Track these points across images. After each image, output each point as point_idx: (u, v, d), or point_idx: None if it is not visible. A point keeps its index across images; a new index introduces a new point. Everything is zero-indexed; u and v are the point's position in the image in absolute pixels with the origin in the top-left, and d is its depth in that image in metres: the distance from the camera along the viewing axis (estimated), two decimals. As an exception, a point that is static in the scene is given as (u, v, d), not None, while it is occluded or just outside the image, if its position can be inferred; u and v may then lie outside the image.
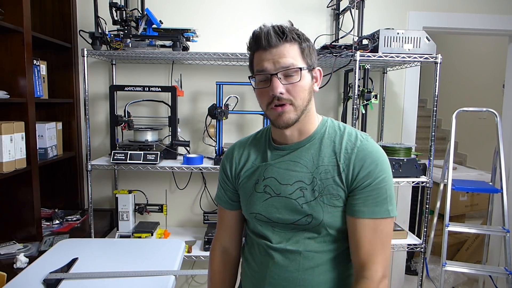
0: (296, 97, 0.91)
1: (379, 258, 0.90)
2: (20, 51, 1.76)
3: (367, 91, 2.03)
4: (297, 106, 0.91)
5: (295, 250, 0.95)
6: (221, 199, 1.11)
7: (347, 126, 1.00)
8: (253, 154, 1.05)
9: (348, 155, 0.92)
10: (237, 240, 1.14)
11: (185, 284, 2.53)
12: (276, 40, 0.89)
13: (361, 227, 0.90)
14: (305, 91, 0.92)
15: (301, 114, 0.93)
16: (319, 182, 0.92)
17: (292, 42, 0.90)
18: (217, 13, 2.32)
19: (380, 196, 0.90)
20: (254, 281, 1.02)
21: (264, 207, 0.98)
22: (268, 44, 0.89)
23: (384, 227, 0.91)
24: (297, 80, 0.90)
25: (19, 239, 1.82)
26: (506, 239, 2.08)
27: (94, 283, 1.23)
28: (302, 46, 0.92)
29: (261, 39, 0.90)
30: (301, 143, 0.97)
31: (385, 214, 0.90)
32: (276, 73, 0.89)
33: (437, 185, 2.49)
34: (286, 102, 0.90)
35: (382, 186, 0.90)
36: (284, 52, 0.89)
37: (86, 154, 2.02)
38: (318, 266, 0.95)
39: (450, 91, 5.26)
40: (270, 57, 0.90)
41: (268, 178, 0.98)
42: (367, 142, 0.94)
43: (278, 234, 0.97)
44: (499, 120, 2.17)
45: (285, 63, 0.89)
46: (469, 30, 2.43)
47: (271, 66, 0.90)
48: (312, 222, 0.92)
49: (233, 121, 2.39)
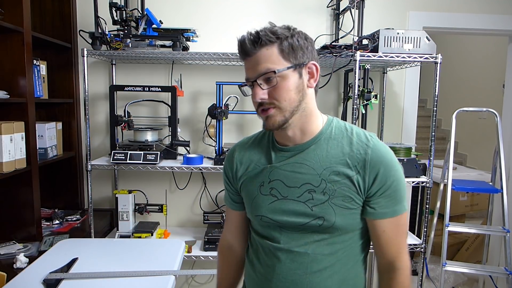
0: (280, 100, 0.89)
1: (405, 248, 0.97)
2: (20, 51, 1.76)
3: (367, 91, 2.03)
4: (282, 108, 0.90)
5: (303, 252, 0.94)
6: (226, 199, 1.13)
7: (354, 126, 0.99)
8: (256, 155, 1.03)
9: (361, 157, 0.91)
10: (243, 238, 1.14)
11: (185, 284, 2.53)
12: (251, 48, 0.89)
13: (388, 227, 0.94)
14: (289, 91, 0.89)
15: (291, 115, 0.91)
16: (329, 185, 0.91)
17: (269, 45, 0.88)
18: (217, 13, 2.32)
19: (398, 196, 0.93)
20: (259, 282, 1.01)
21: (270, 210, 0.97)
22: (245, 53, 0.90)
23: (404, 220, 0.97)
24: (275, 83, 0.88)
25: (19, 239, 1.82)
26: (506, 239, 2.08)
27: (94, 283, 1.23)
28: (282, 45, 0.88)
29: (240, 48, 0.91)
30: (306, 144, 0.95)
31: (404, 210, 0.95)
32: (255, 80, 0.89)
33: (437, 185, 2.49)
34: (269, 106, 0.90)
35: (398, 186, 0.93)
36: (259, 58, 0.89)
37: (86, 154, 2.02)
38: (326, 268, 0.94)
39: (450, 91, 5.26)
40: (249, 65, 0.91)
41: (274, 181, 0.97)
42: (378, 143, 0.94)
43: (287, 236, 0.96)
44: (499, 120, 2.17)
45: (260, 69, 0.88)
46: (469, 30, 2.43)
47: (251, 73, 0.90)
48: (323, 224, 0.92)
49: (233, 121, 2.39)
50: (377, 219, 0.93)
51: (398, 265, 0.95)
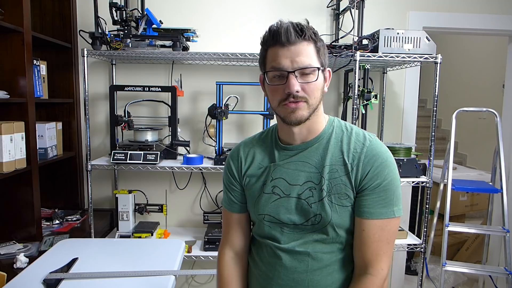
0: (311, 96, 0.91)
1: (384, 256, 0.92)
2: (20, 51, 1.76)
3: (367, 91, 2.03)
4: (310, 104, 0.92)
5: (303, 252, 0.95)
6: (227, 203, 1.09)
7: (354, 126, 1.01)
8: (260, 154, 1.04)
9: (357, 155, 0.93)
10: (247, 242, 1.11)
11: (185, 284, 2.53)
12: (295, 38, 0.88)
13: (369, 228, 0.91)
14: (318, 90, 0.93)
15: (313, 112, 0.93)
16: (327, 182, 0.93)
17: (310, 40, 0.90)
18: (217, 13, 2.32)
19: (388, 198, 0.91)
20: (262, 282, 1.02)
21: (272, 208, 0.97)
22: (287, 40, 0.88)
23: (391, 227, 0.92)
24: (314, 79, 0.90)
25: (19, 239, 1.81)
26: (506, 239, 2.08)
27: (94, 283, 1.23)
28: (318, 45, 0.92)
29: (279, 35, 0.89)
30: (309, 143, 0.97)
31: (392, 215, 0.91)
32: (293, 71, 0.89)
33: (437, 185, 2.49)
34: (300, 100, 0.91)
35: (390, 188, 0.91)
36: (302, 51, 0.89)
37: (86, 154, 2.02)
38: (326, 267, 0.95)
39: (450, 91, 5.26)
40: (288, 54, 0.89)
41: (276, 179, 0.98)
42: (376, 142, 0.95)
43: (287, 235, 0.97)
44: (499, 120, 2.17)
45: (303, 62, 0.89)
46: (469, 30, 2.43)
47: (288, 63, 0.89)
48: (321, 221, 0.93)
49: (233, 121, 2.39)
50: (362, 218, 0.91)
51: (370, 271, 0.91)
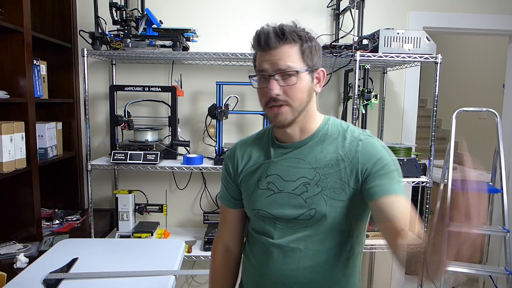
0: (293, 99, 0.92)
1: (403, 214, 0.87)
2: (20, 51, 1.76)
3: (367, 91, 2.03)
4: (294, 107, 0.92)
5: (295, 248, 0.96)
6: (224, 198, 1.13)
7: (350, 124, 1.02)
8: (256, 152, 1.06)
9: (353, 148, 0.94)
10: (239, 238, 1.15)
11: (185, 284, 2.53)
12: (275, 42, 0.89)
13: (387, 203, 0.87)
14: (303, 93, 0.92)
15: (299, 114, 0.94)
16: (322, 177, 0.94)
17: (292, 43, 0.90)
18: (217, 13, 2.32)
19: (393, 177, 0.91)
20: (254, 277, 1.04)
21: (266, 203, 0.99)
22: (267, 45, 0.90)
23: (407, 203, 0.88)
24: (294, 82, 0.90)
25: (19, 239, 1.81)
26: (506, 239, 2.08)
27: (94, 283, 1.23)
28: (303, 47, 0.92)
29: (261, 40, 0.91)
30: (304, 141, 0.99)
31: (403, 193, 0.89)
32: (274, 75, 0.90)
33: (437, 185, 2.49)
34: (282, 103, 0.92)
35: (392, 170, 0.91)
36: (282, 54, 0.90)
37: (86, 154, 2.02)
38: (318, 264, 0.96)
39: (450, 91, 5.26)
40: (268, 58, 0.91)
41: (271, 175, 0.99)
42: (372, 138, 0.97)
43: (280, 231, 0.98)
44: (499, 120, 2.17)
45: (282, 65, 0.89)
46: (469, 30, 2.43)
47: (269, 67, 0.91)
48: (315, 215, 0.93)
49: (233, 121, 2.39)
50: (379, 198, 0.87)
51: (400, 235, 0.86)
